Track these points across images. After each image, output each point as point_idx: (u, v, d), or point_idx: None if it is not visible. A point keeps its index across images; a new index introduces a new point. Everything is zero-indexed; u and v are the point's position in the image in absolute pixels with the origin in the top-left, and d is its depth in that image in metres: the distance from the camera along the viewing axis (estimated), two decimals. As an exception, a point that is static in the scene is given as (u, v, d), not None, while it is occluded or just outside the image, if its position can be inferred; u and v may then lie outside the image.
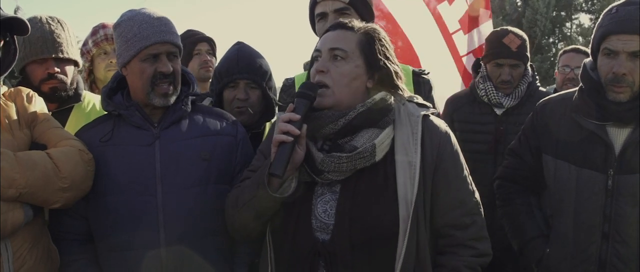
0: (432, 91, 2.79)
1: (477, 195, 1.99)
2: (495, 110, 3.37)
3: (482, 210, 1.99)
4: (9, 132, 2.02)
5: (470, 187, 1.97)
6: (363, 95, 1.91)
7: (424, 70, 2.81)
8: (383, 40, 1.96)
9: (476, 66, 3.58)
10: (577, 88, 2.37)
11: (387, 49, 1.96)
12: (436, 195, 1.90)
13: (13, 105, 2.08)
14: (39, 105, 2.19)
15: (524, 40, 3.34)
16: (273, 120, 2.82)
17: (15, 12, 8.98)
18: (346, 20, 1.98)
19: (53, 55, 2.54)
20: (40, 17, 2.59)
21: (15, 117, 2.06)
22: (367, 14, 2.60)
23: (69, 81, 2.62)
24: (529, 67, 3.42)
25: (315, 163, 1.84)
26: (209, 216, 2.15)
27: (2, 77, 2.09)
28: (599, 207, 2.21)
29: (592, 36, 2.28)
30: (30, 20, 2.58)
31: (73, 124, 2.53)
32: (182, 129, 2.21)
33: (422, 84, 2.74)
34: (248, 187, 1.92)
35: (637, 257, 2.17)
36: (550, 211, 2.43)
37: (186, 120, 2.24)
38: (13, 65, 2.10)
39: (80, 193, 2.07)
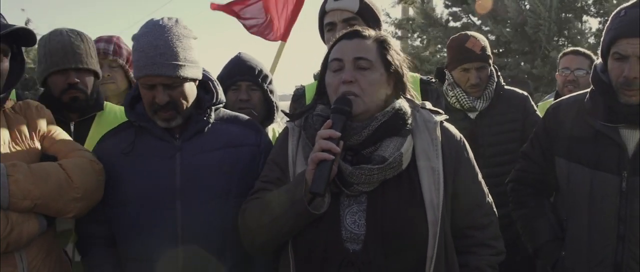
0: (440, 99, 2.81)
1: (490, 196, 2.05)
2: (469, 115, 3.39)
3: (495, 210, 2.05)
4: (20, 144, 2.04)
5: (485, 188, 2.04)
6: (383, 104, 1.92)
7: (432, 79, 2.82)
8: (395, 47, 1.98)
9: (440, 75, 3.57)
10: (588, 90, 2.36)
11: (399, 55, 1.99)
12: (456, 198, 1.94)
13: (23, 118, 2.10)
14: (48, 117, 2.21)
15: (486, 42, 3.37)
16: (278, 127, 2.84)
17: (26, 24, 9.04)
18: (360, 28, 1.99)
19: (73, 66, 2.59)
20: (61, 30, 2.66)
21: (25, 129, 2.08)
22: (373, 23, 2.61)
23: (89, 91, 2.66)
24: (493, 68, 3.44)
25: (343, 175, 1.83)
26: (228, 230, 2.11)
27: (11, 90, 2.11)
28: (614, 209, 2.19)
29: (602, 39, 2.27)
30: (52, 33, 2.65)
31: (96, 134, 2.53)
32: (204, 141, 2.18)
33: (429, 92, 2.75)
34: (274, 203, 1.88)
35: (653, 259, 2.15)
36: (564, 213, 2.42)
37: (209, 131, 2.21)
38: (22, 77, 2.12)
39: (92, 203, 2.09)
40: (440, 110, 2.05)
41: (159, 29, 2.08)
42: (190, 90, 2.16)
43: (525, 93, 3.54)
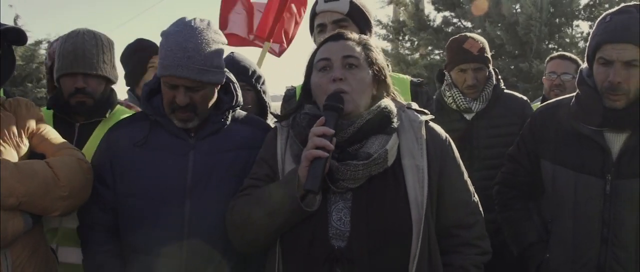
0: (430, 101, 2.81)
1: (476, 196, 2.06)
2: (465, 116, 3.39)
3: (481, 209, 2.05)
4: (8, 141, 2.03)
5: (471, 188, 2.05)
6: (370, 103, 1.95)
7: (423, 81, 2.83)
8: (377, 49, 2.01)
9: (440, 76, 3.59)
10: (573, 94, 2.38)
11: (381, 57, 2.01)
12: (442, 196, 1.95)
13: (12, 115, 2.09)
14: (37, 115, 2.20)
15: (484, 44, 3.37)
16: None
17: (14, 21, 9.03)
18: (344, 31, 2.02)
19: (81, 71, 2.55)
20: (79, 31, 2.62)
21: (14, 127, 2.07)
22: (364, 25, 2.62)
23: (97, 96, 2.61)
24: (493, 71, 3.45)
25: (330, 172, 1.85)
26: None
27: (1, 87, 2.11)
28: (598, 212, 2.22)
29: (588, 44, 2.30)
30: (70, 33, 2.62)
31: (98, 138, 2.49)
32: (217, 141, 2.19)
33: (419, 95, 2.75)
34: (265, 199, 1.89)
35: (636, 261, 2.18)
36: (549, 216, 2.44)
37: (224, 132, 2.22)
38: (12, 75, 2.11)
39: (79, 201, 2.08)
40: (426, 111, 2.07)
41: (190, 31, 2.08)
42: (211, 94, 2.17)
43: (525, 97, 3.54)
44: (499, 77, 3.48)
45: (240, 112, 2.35)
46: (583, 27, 10.21)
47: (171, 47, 2.05)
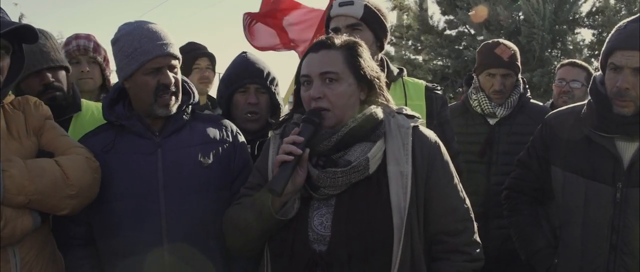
0: (445, 106, 2.81)
1: (467, 201, 2.04)
2: (489, 120, 3.41)
3: (473, 216, 2.04)
4: (17, 140, 2.03)
5: (461, 194, 2.02)
6: (359, 110, 1.96)
7: (437, 86, 2.82)
8: (365, 52, 1.99)
9: (468, 79, 3.64)
10: (585, 101, 2.38)
11: (370, 60, 2.00)
12: (429, 203, 1.95)
13: (21, 113, 2.10)
14: (46, 113, 2.20)
15: (515, 52, 3.40)
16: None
17: (19, 20, 9.04)
18: (324, 38, 2.00)
19: (45, 66, 2.50)
20: None
21: (23, 125, 2.08)
22: (379, 29, 2.60)
23: (65, 88, 2.58)
24: (521, 80, 3.47)
25: (311, 179, 1.88)
26: (210, 221, 2.19)
27: (10, 87, 2.10)
28: (607, 219, 2.22)
29: (602, 50, 2.30)
30: None
31: (74, 135, 2.46)
32: (182, 137, 2.25)
33: (434, 99, 2.74)
34: (249, 208, 1.95)
35: (645, 269, 2.18)
36: (558, 222, 2.45)
37: (186, 129, 2.28)
38: (21, 73, 2.10)
39: (87, 200, 2.08)
40: (418, 115, 2.05)
41: (144, 23, 2.19)
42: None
43: (550, 109, 3.53)
44: (526, 86, 3.50)
45: (201, 113, 2.43)
46: (585, 35, 10.19)
47: (142, 35, 2.14)
